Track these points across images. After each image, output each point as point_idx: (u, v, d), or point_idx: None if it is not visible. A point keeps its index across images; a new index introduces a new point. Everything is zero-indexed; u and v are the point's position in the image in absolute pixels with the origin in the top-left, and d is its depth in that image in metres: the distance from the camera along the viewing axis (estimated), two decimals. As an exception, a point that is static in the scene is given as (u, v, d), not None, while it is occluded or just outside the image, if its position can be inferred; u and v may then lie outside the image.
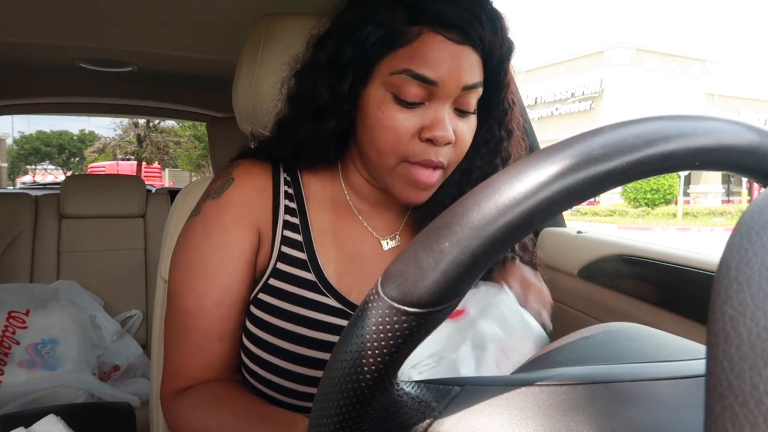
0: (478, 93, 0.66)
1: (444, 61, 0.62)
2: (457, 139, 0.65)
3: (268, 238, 0.70)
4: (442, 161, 0.65)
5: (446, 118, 0.63)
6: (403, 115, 0.64)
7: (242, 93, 0.86)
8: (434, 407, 0.31)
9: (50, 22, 1.42)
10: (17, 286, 1.90)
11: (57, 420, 0.82)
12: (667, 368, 0.34)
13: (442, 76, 0.62)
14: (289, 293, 0.68)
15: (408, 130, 0.64)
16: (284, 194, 0.72)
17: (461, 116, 0.66)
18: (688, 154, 0.28)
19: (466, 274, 0.27)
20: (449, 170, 0.68)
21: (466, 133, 0.66)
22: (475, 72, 0.64)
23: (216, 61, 1.70)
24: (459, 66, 0.62)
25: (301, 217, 0.71)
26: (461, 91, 0.63)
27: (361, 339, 0.28)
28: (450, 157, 0.66)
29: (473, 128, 0.68)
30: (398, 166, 0.66)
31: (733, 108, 27.86)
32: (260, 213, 0.70)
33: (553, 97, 28.64)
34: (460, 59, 0.62)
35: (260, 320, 0.68)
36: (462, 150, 0.67)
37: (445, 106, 0.64)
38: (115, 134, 23.50)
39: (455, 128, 0.65)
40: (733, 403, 0.17)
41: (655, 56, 27.39)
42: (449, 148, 0.65)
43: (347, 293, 0.69)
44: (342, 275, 0.70)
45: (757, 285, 0.18)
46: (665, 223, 17.54)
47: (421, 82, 0.62)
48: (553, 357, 0.38)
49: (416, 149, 0.64)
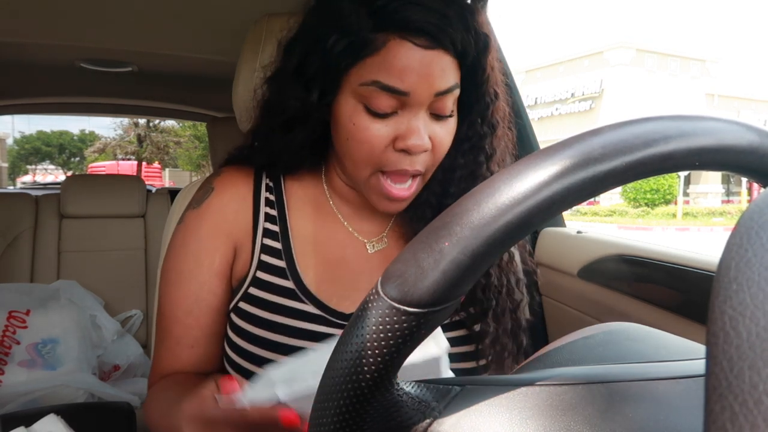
0: (454, 95, 0.63)
1: (413, 70, 0.59)
2: (434, 144, 0.63)
3: (248, 247, 0.70)
4: (419, 169, 0.63)
5: (421, 126, 0.61)
6: (376, 125, 0.61)
7: (242, 93, 0.86)
8: (434, 407, 0.31)
9: (50, 22, 1.42)
10: (17, 285, 1.90)
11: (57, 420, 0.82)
12: (666, 368, 0.34)
13: (412, 86, 0.59)
14: (267, 302, 0.68)
15: (381, 141, 0.62)
16: (265, 201, 0.72)
17: (438, 120, 0.63)
18: (688, 155, 0.28)
19: (466, 274, 0.27)
20: (427, 175, 0.66)
21: (443, 137, 0.64)
22: (449, 75, 0.61)
23: (216, 61, 1.70)
24: (429, 73, 0.59)
25: (281, 224, 0.71)
26: (434, 98, 0.61)
27: (361, 339, 0.28)
28: (427, 163, 0.64)
29: (452, 130, 0.65)
30: (372, 176, 0.64)
31: (733, 108, 27.86)
32: (239, 222, 0.71)
33: (553, 98, 28.64)
34: (431, 66, 0.59)
35: (240, 329, 0.68)
36: (440, 154, 0.65)
37: (418, 114, 0.61)
38: (116, 134, 23.51)
39: (431, 134, 0.62)
40: (732, 402, 0.17)
41: (655, 56, 27.39)
42: (426, 154, 0.63)
43: (327, 299, 0.68)
44: (322, 281, 0.69)
45: (757, 285, 0.19)
46: (665, 223, 17.54)
47: (391, 93, 0.60)
48: (553, 357, 0.38)
49: (390, 159, 0.62)
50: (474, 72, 0.64)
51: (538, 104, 29.27)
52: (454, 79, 0.61)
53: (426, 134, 0.62)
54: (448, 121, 0.64)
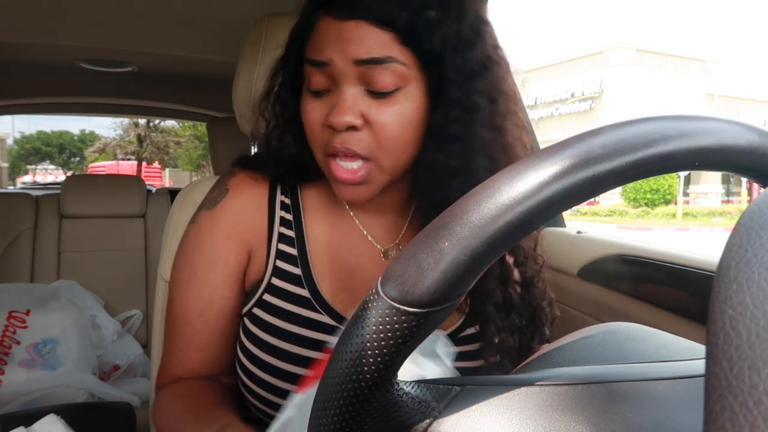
0: (389, 69, 0.58)
1: (330, 41, 0.59)
2: (371, 123, 0.59)
3: (263, 252, 0.69)
4: (351, 148, 0.59)
5: (347, 100, 0.59)
6: (314, 104, 0.61)
7: (242, 93, 0.86)
8: (434, 407, 0.31)
9: (50, 22, 1.42)
10: (17, 285, 1.90)
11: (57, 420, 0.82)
12: (666, 368, 0.34)
13: (329, 55, 0.58)
14: (282, 310, 0.67)
15: (318, 120, 0.61)
16: (280, 205, 0.70)
17: (377, 98, 0.59)
18: (688, 155, 0.28)
19: (466, 274, 0.27)
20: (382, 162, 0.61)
21: (386, 118, 0.59)
22: (371, 45, 0.57)
23: (216, 61, 1.70)
24: (345, 40, 0.58)
25: (296, 230, 0.69)
26: (357, 67, 0.58)
27: (361, 339, 0.28)
28: (366, 144, 0.60)
29: (403, 113, 0.59)
30: (323, 162, 0.63)
31: (732, 108, 27.86)
32: (254, 226, 0.69)
33: (553, 98, 28.64)
34: (347, 34, 0.58)
35: (253, 335, 0.67)
36: (385, 137, 0.59)
37: (345, 87, 0.59)
38: (116, 134, 23.50)
39: (366, 112, 0.59)
40: (732, 402, 0.17)
41: (655, 56, 27.39)
42: (362, 135, 0.59)
43: (342, 310, 0.66)
44: (337, 291, 0.68)
45: (757, 285, 0.19)
46: (665, 223, 17.54)
47: (315, 66, 0.60)
48: (553, 357, 0.38)
49: (324, 139, 0.61)
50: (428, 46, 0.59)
51: (538, 104, 29.26)
52: (381, 50, 0.57)
53: (353, 110, 0.59)
54: (393, 100, 0.59)
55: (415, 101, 0.60)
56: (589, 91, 26.77)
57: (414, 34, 0.58)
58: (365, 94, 0.59)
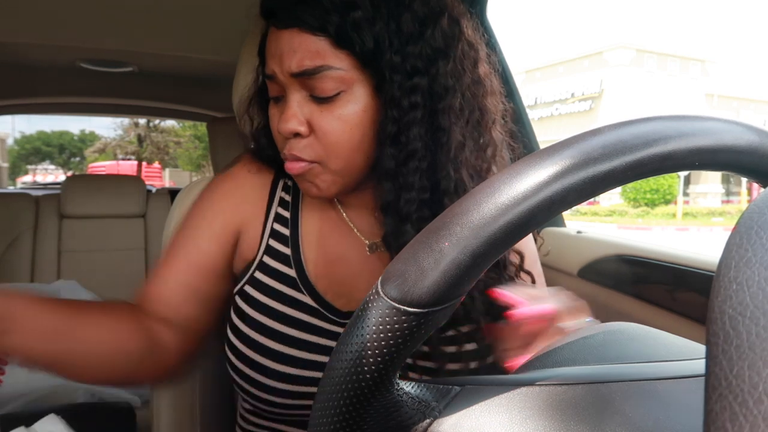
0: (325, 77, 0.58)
1: (270, 53, 0.61)
2: (315, 129, 0.60)
3: (257, 229, 0.71)
4: (296, 155, 0.61)
5: (291, 107, 0.60)
6: (273, 111, 0.65)
7: (242, 93, 0.85)
8: (434, 407, 0.31)
9: (50, 22, 1.42)
10: (18, 285, 1.90)
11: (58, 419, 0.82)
12: (666, 368, 0.34)
13: (272, 68, 0.61)
14: (270, 287, 0.69)
15: (275, 125, 0.64)
16: (282, 186, 0.73)
17: (320, 103, 0.60)
18: (688, 155, 0.28)
19: (466, 274, 0.27)
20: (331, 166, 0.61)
21: (328, 122, 0.59)
22: (303, 55, 0.58)
23: (216, 61, 1.70)
24: (281, 53, 0.59)
25: (293, 212, 0.72)
26: (295, 78, 0.59)
27: (361, 339, 0.28)
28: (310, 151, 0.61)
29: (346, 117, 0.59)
30: None
31: (732, 108, 27.86)
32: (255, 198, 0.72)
33: (552, 98, 28.64)
34: (282, 45, 0.59)
35: (243, 313, 0.69)
36: (330, 141, 0.60)
37: (290, 95, 0.61)
38: (116, 134, 23.48)
39: (311, 118, 0.60)
40: (732, 402, 0.17)
41: (655, 57, 27.39)
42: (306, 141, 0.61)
43: (323, 293, 0.69)
44: (321, 275, 0.70)
45: (757, 285, 0.19)
46: (665, 223, 17.54)
47: (267, 78, 0.63)
48: (553, 357, 0.38)
49: (280, 144, 0.64)
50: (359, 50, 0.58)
51: (538, 104, 29.26)
52: (315, 59, 0.58)
53: (296, 117, 0.60)
54: (335, 104, 0.59)
55: (359, 103, 0.60)
56: (589, 91, 26.78)
57: (345, 36, 0.57)
58: (309, 99, 0.60)
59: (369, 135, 0.61)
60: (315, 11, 0.57)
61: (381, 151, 0.61)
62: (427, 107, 0.60)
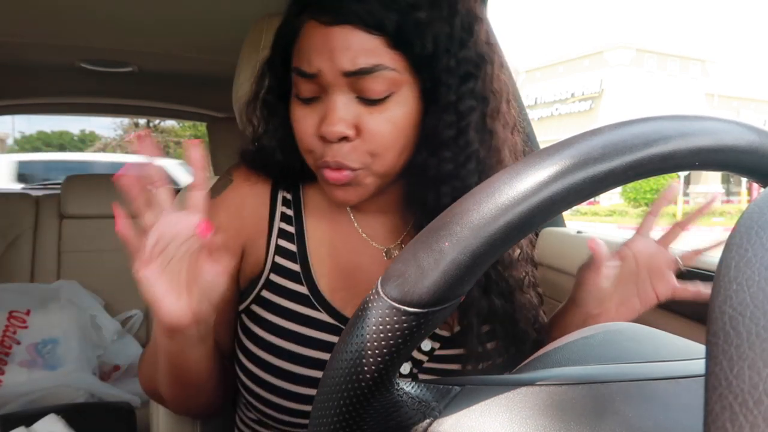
0: (379, 77, 0.56)
1: (317, 49, 0.56)
2: (363, 132, 0.57)
3: (262, 246, 0.68)
4: (342, 162, 0.58)
5: (337, 110, 0.57)
6: (302, 112, 0.60)
7: (242, 93, 0.85)
8: (434, 407, 0.31)
9: (50, 22, 1.42)
10: (18, 285, 1.90)
11: (57, 419, 0.82)
12: (666, 368, 0.34)
13: (317, 67, 0.56)
14: (280, 307, 0.66)
15: (308, 128, 0.59)
16: (282, 200, 0.70)
17: (368, 105, 0.57)
18: (688, 155, 0.28)
19: (466, 274, 0.27)
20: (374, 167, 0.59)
21: (378, 125, 0.57)
22: (359, 54, 0.55)
23: (216, 61, 1.70)
24: (332, 49, 0.55)
25: (297, 226, 0.69)
26: (346, 77, 0.56)
27: (361, 339, 0.28)
28: (356, 156, 0.58)
29: (395, 119, 0.58)
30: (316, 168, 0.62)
31: (732, 108, 27.86)
32: (254, 218, 0.68)
33: (553, 98, 28.64)
34: (333, 43, 0.55)
35: (252, 334, 0.66)
36: (377, 145, 0.58)
37: (335, 97, 0.57)
38: (116, 134, 23.51)
39: (358, 121, 0.57)
40: (732, 402, 0.17)
41: (655, 56, 27.39)
42: (353, 145, 0.58)
43: (342, 308, 0.65)
44: (336, 289, 0.67)
45: (757, 285, 0.19)
46: (665, 223, 17.51)
47: (303, 77, 0.58)
48: (553, 357, 0.38)
49: (317, 150, 0.60)
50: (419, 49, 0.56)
51: (538, 104, 29.26)
52: (371, 58, 0.55)
53: (344, 120, 0.57)
54: (385, 106, 0.57)
55: (407, 106, 0.58)
56: (589, 91, 26.78)
57: (404, 37, 0.56)
58: (356, 101, 0.57)
59: (412, 138, 0.60)
60: (372, 8, 0.54)
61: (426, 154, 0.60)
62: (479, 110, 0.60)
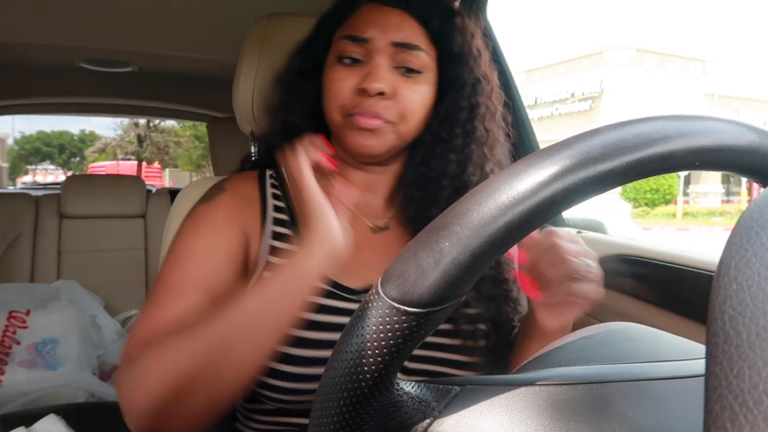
0: (417, 56, 0.68)
1: (373, 22, 0.69)
2: (396, 94, 0.68)
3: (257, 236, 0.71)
4: (378, 111, 0.67)
5: (381, 69, 0.67)
6: (343, 73, 0.69)
7: (242, 93, 0.86)
8: (434, 407, 0.31)
9: (50, 22, 1.42)
10: (18, 286, 1.90)
11: (57, 419, 0.82)
12: (666, 368, 0.34)
13: (371, 33, 0.68)
14: None
15: (347, 86, 0.68)
16: (272, 195, 0.74)
17: (404, 75, 0.69)
18: (688, 155, 0.28)
19: (466, 274, 0.27)
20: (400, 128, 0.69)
21: (408, 92, 0.68)
22: (407, 32, 0.68)
23: (216, 61, 1.70)
24: (387, 23, 0.68)
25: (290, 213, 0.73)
26: (393, 47, 0.68)
27: (361, 339, 0.28)
28: (391, 112, 0.68)
29: (422, 93, 0.70)
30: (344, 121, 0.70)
31: (732, 108, 27.86)
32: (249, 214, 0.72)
33: (553, 98, 28.63)
34: (388, 18, 0.69)
35: None
36: (405, 107, 0.68)
37: (381, 60, 0.68)
38: (116, 134, 23.47)
39: (394, 84, 0.68)
40: (732, 402, 0.17)
41: (655, 56, 27.38)
42: (388, 103, 0.67)
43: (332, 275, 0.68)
44: None
45: (757, 285, 0.19)
46: (665, 223, 17.53)
47: (354, 41, 0.68)
48: (553, 357, 0.38)
49: (353, 102, 0.68)
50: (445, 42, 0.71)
51: (538, 104, 29.25)
52: (414, 38, 0.69)
53: (386, 79, 0.67)
54: (417, 80, 0.69)
55: (430, 88, 0.71)
56: (589, 91, 26.76)
57: (442, 34, 0.70)
58: (395, 71, 0.68)
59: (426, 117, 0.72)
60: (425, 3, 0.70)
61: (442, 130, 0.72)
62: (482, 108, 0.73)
